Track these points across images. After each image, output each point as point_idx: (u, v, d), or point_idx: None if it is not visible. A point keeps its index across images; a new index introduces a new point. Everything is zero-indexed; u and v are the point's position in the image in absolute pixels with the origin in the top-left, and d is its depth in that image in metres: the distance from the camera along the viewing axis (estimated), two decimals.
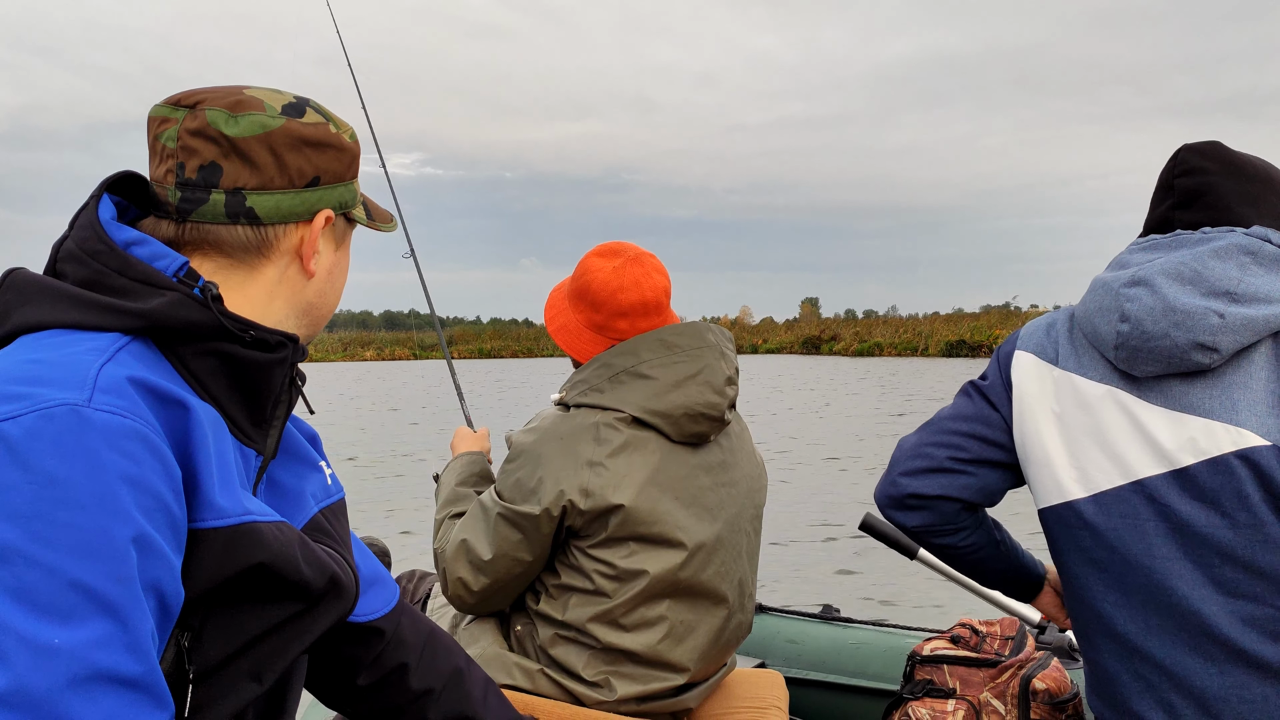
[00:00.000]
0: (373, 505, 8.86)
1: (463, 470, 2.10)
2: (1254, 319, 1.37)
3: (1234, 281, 1.39)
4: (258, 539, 0.98)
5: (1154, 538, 1.44)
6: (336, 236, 1.15)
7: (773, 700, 2.01)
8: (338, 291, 1.19)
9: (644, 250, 1.95)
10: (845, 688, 2.44)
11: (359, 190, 1.19)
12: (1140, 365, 1.44)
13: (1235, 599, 1.39)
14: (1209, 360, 1.39)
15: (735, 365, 1.92)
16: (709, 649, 1.87)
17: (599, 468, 1.75)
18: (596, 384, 1.84)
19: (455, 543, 1.86)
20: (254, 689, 1.03)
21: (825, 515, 8.03)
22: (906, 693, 1.97)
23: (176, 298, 0.99)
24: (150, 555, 0.87)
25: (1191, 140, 1.58)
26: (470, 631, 1.93)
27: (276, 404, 1.10)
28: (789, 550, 6.87)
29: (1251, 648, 1.39)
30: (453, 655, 1.36)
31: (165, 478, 0.90)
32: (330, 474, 1.25)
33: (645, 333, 1.87)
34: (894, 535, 2.42)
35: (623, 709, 1.80)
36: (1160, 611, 1.45)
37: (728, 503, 1.89)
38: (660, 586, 1.78)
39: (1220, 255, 1.41)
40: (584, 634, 1.79)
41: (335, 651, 1.28)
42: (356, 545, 1.30)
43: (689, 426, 1.82)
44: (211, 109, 1.05)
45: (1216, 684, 1.42)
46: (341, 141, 1.12)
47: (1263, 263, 1.40)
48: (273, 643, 1.04)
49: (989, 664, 1.91)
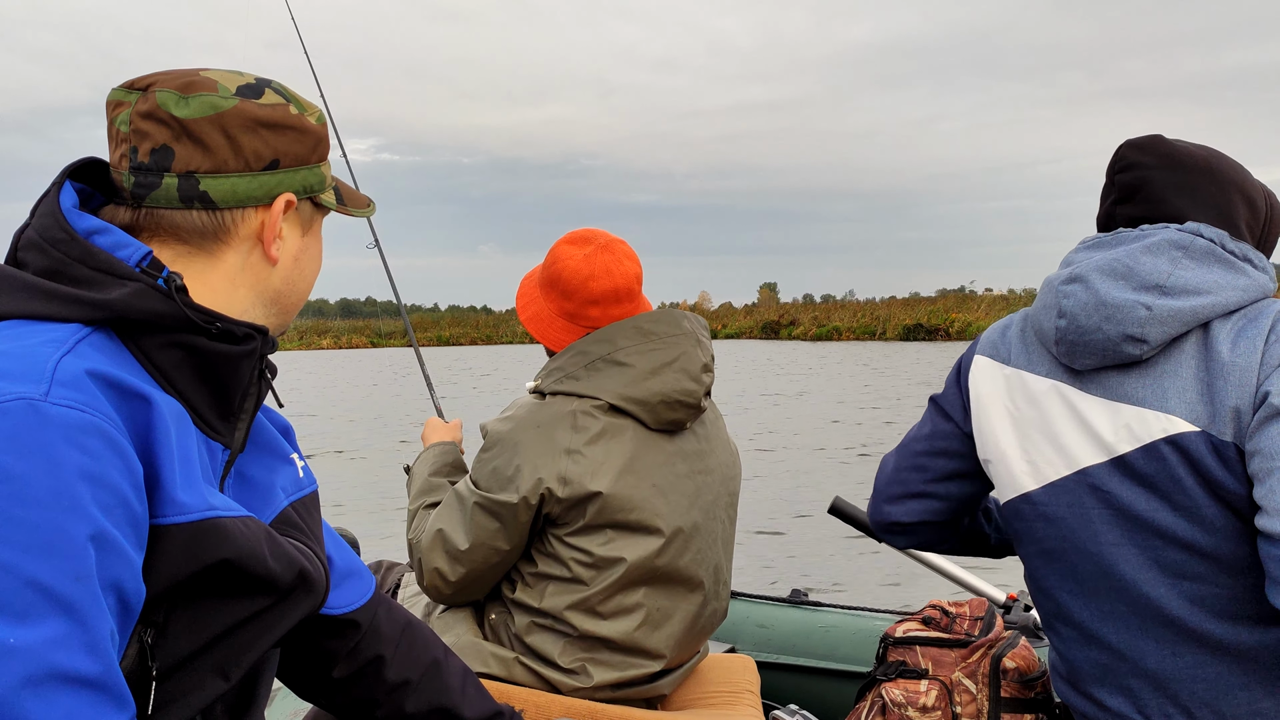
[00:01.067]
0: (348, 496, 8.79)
1: (435, 460, 2.09)
2: (1181, 310, 1.42)
3: (1164, 275, 1.44)
4: (222, 535, 0.97)
5: (1099, 525, 1.49)
6: (303, 222, 1.12)
7: (745, 685, 2.03)
8: (308, 279, 1.16)
9: (615, 237, 1.95)
10: (816, 670, 2.46)
11: (329, 174, 1.16)
12: (1079, 358, 1.50)
13: (1181, 580, 1.43)
14: (1139, 351, 1.44)
15: (711, 352, 1.93)
16: (685, 636, 1.88)
17: (576, 455, 1.75)
18: (573, 372, 1.83)
19: (431, 533, 1.85)
20: (220, 685, 1.02)
21: (794, 499, 8.08)
22: (880, 674, 1.99)
23: (139, 288, 0.97)
24: (109, 553, 0.86)
25: (1145, 126, 1.65)
26: (444, 620, 1.93)
27: (245, 397, 1.09)
28: (759, 535, 6.91)
29: (1201, 627, 1.43)
30: (430, 646, 1.36)
31: (125, 473, 0.88)
32: (303, 466, 1.23)
33: (621, 320, 1.87)
34: (862, 519, 2.44)
35: (598, 695, 1.80)
36: (1112, 597, 1.50)
37: (704, 490, 1.89)
38: (637, 574, 1.79)
39: (1152, 251, 1.46)
40: (561, 622, 1.79)
41: (311, 644, 1.27)
42: (331, 537, 1.29)
43: (666, 414, 1.83)
44: (162, 90, 1.03)
45: (1171, 665, 1.46)
46: (303, 123, 1.09)
47: (1194, 256, 1.45)
48: (239, 638, 1.03)
49: (960, 644, 1.93)
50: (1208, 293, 1.42)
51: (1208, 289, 1.42)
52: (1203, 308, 1.42)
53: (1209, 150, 1.58)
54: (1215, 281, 1.43)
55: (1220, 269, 1.44)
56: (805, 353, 32.63)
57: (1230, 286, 1.43)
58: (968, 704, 1.87)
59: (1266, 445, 1.32)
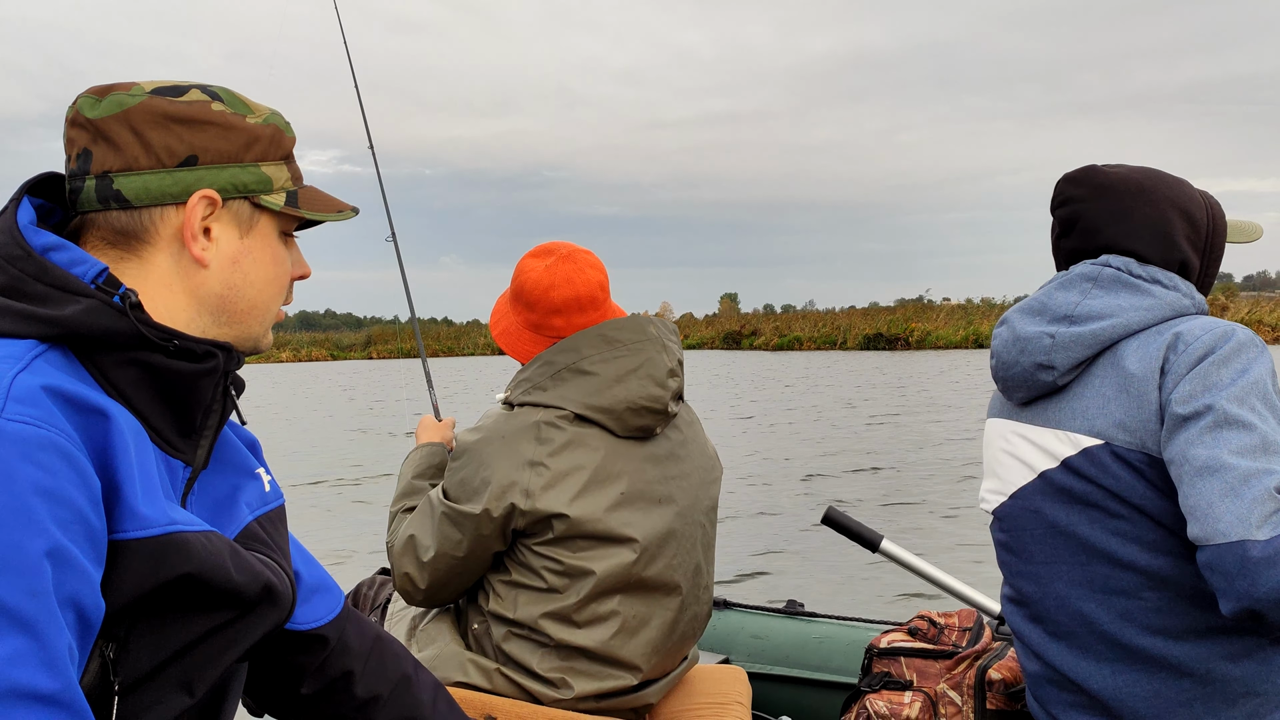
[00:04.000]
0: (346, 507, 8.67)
1: (421, 462, 2.11)
2: (1082, 335, 1.52)
3: (1072, 306, 1.55)
4: (184, 549, 0.96)
5: (1033, 545, 1.59)
6: (241, 222, 1.09)
7: (735, 696, 2.02)
8: (255, 284, 1.11)
9: (579, 248, 1.96)
10: (808, 682, 2.46)
11: (281, 175, 1.12)
12: (1012, 393, 1.63)
13: (1110, 595, 1.49)
14: (1050, 377, 1.55)
15: (679, 357, 1.94)
16: (663, 642, 1.87)
17: (540, 468, 1.76)
18: (539, 382, 1.84)
19: (403, 539, 1.87)
20: (184, 700, 1.01)
21: (789, 510, 8.07)
22: (864, 685, 1.99)
23: (93, 304, 0.96)
24: (66, 569, 0.85)
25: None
26: (428, 632, 1.93)
27: (207, 414, 1.07)
28: (754, 545, 6.89)
29: (1133, 642, 1.47)
30: (400, 661, 1.34)
31: (82, 489, 0.88)
32: (270, 480, 1.22)
33: (585, 329, 1.88)
34: (856, 529, 2.45)
35: (581, 707, 1.80)
36: (1053, 617, 1.56)
37: (679, 494, 1.90)
38: (610, 583, 1.79)
39: (1065, 286, 1.59)
40: (536, 631, 1.79)
41: (279, 660, 1.26)
42: (300, 552, 1.28)
43: (632, 420, 1.83)
44: (82, 96, 1.05)
45: (1111, 684, 1.50)
46: (226, 120, 1.07)
47: (1102, 285, 1.55)
48: (203, 652, 1.01)
49: (945, 655, 1.93)
50: (1111, 316, 1.51)
51: (1111, 313, 1.51)
52: (1104, 330, 1.51)
53: (1144, 171, 1.63)
54: (1119, 305, 1.52)
55: (1127, 293, 1.53)
56: (768, 362, 32.77)
57: (1134, 308, 1.51)
58: (953, 715, 1.87)
59: (1174, 453, 1.37)
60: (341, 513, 8.59)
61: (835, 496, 8.40)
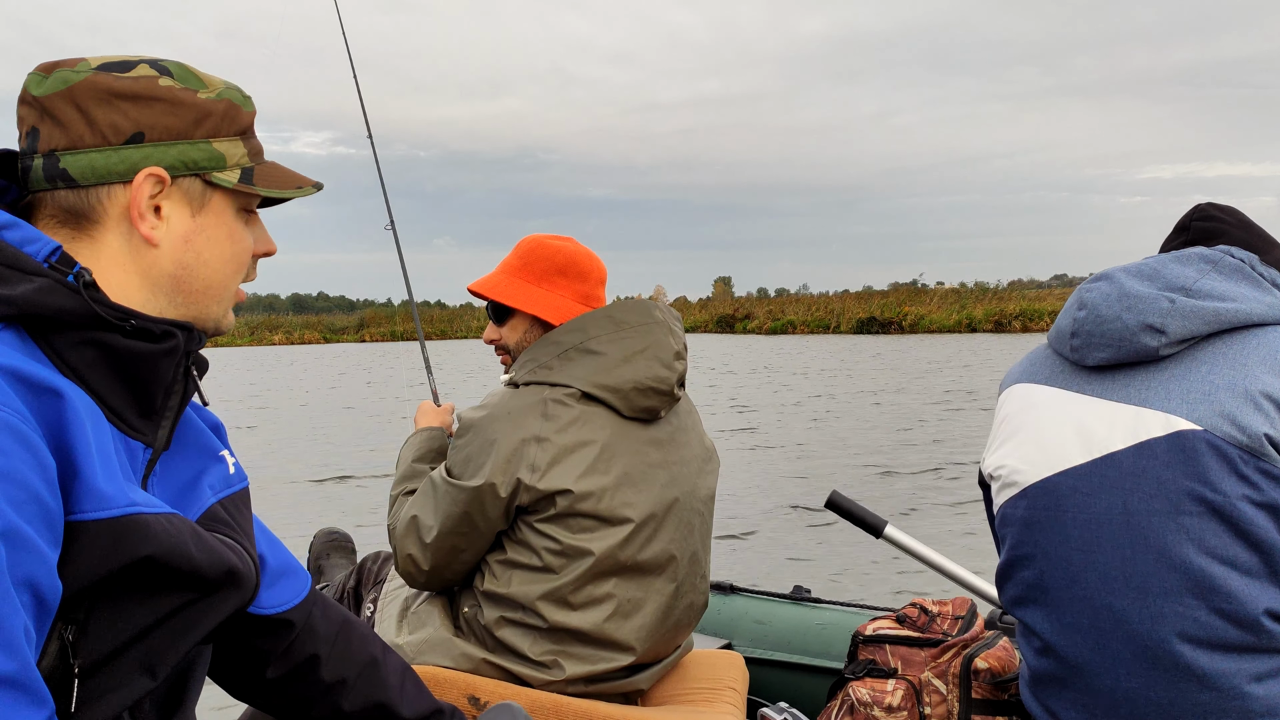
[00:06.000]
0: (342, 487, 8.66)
1: (421, 446, 2.12)
2: (1203, 309, 1.42)
3: (1190, 280, 1.46)
4: (144, 531, 0.95)
5: (1072, 529, 1.47)
6: (192, 200, 1.07)
7: (729, 681, 2.01)
8: (209, 264, 1.08)
9: None
10: (809, 668, 2.45)
11: (237, 152, 1.09)
12: (1092, 352, 1.49)
13: (1146, 595, 1.41)
14: (1156, 343, 1.43)
15: (683, 341, 1.96)
16: (657, 627, 1.86)
17: (545, 443, 1.76)
18: (545, 361, 1.85)
19: (406, 519, 1.87)
20: (146, 682, 1.00)
21: (795, 495, 8.06)
22: (848, 672, 1.98)
23: (45, 284, 0.95)
24: (21, 550, 0.84)
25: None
26: (419, 614, 1.93)
27: (168, 394, 1.06)
28: (760, 530, 6.88)
29: (1160, 647, 1.40)
30: (367, 644, 1.34)
31: (37, 469, 0.87)
32: (234, 463, 1.21)
33: (592, 310, 1.90)
34: (860, 513, 2.44)
35: (571, 689, 1.80)
36: (1075, 608, 1.47)
37: (679, 479, 1.90)
38: (608, 564, 1.79)
39: (1181, 261, 1.49)
40: (531, 613, 1.79)
41: (244, 644, 1.26)
42: (266, 536, 1.28)
43: (639, 401, 1.84)
44: (31, 73, 1.03)
45: (1124, 686, 1.43)
46: (174, 95, 1.05)
47: (1222, 271, 1.47)
48: (163, 634, 1.01)
49: (931, 644, 1.92)
50: (1232, 300, 1.43)
51: (1233, 297, 1.44)
52: (1225, 311, 1.42)
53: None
54: (1241, 293, 1.44)
55: (1248, 285, 1.46)
56: (761, 346, 32.79)
57: (1257, 300, 1.44)
58: (937, 704, 1.86)
59: None
60: (343, 497, 8.58)
61: (840, 482, 8.39)
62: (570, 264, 1.95)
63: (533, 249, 1.96)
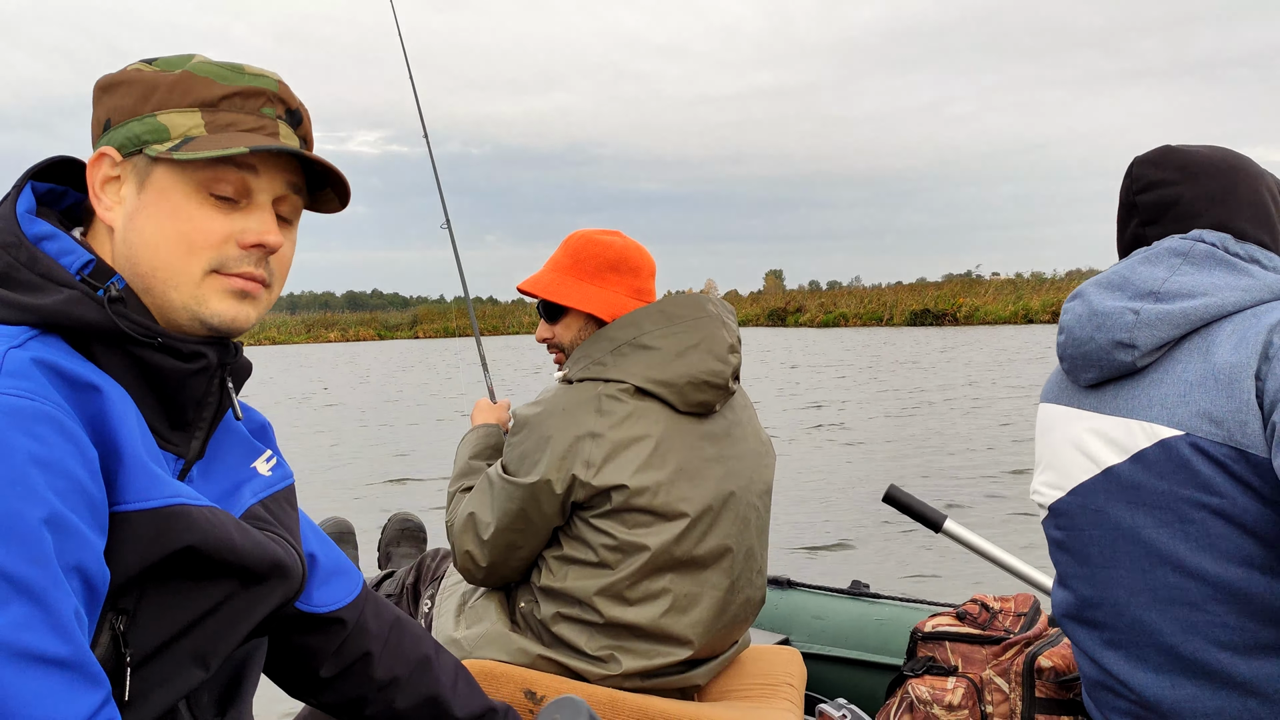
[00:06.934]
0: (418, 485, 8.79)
1: (477, 443, 2.13)
2: (1170, 313, 1.39)
3: (1159, 282, 1.42)
4: (187, 521, 0.96)
5: (1091, 547, 1.47)
6: (140, 177, 1.03)
7: (786, 677, 2.00)
8: (150, 243, 1.01)
9: None
10: (867, 664, 2.43)
11: (194, 123, 1.02)
12: (1081, 373, 1.50)
13: (1172, 605, 1.37)
14: (1130, 357, 1.42)
15: (737, 334, 1.94)
16: (714, 622, 1.86)
17: (600, 439, 1.76)
18: (599, 357, 1.85)
19: (463, 517, 1.89)
20: (199, 673, 1.02)
21: (853, 488, 8.00)
22: (907, 670, 1.95)
23: (73, 295, 0.97)
24: (68, 536, 0.86)
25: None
26: (476, 609, 1.95)
27: (200, 408, 1.07)
28: (819, 524, 6.84)
29: (1196, 656, 1.36)
30: (420, 643, 1.36)
31: (79, 459, 0.88)
32: (276, 463, 1.22)
33: (646, 305, 1.90)
34: (918, 508, 2.40)
35: (627, 684, 1.80)
36: (1111, 624, 1.46)
37: (736, 474, 1.89)
38: (663, 559, 1.79)
39: (1150, 260, 1.45)
40: (587, 609, 1.79)
41: (297, 642, 1.27)
42: (316, 535, 1.29)
43: (694, 395, 1.83)
44: None
45: (1170, 697, 1.40)
46: (133, 76, 1.05)
47: (1194, 261, 1.42)
48: (213, 625, 1.02)
49: (993, 641, 1.89)
50: (1204, 295, 1.38)
51: (1205, 291, 1.39)
52: (1195, 309, 1.38)
53: (1222, 150, 1.54)
54: (1213, 284, 1.39)
55: (1222, 271, 1.40)
56: (813, 339, 32.56)
57: (1230, 288, 1.39)
58: (1000, 703, 1.83)
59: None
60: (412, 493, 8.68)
61: (899, 476, 8.29)
62: (621, 259, 1.94)
63: (582, 245, 1.96)
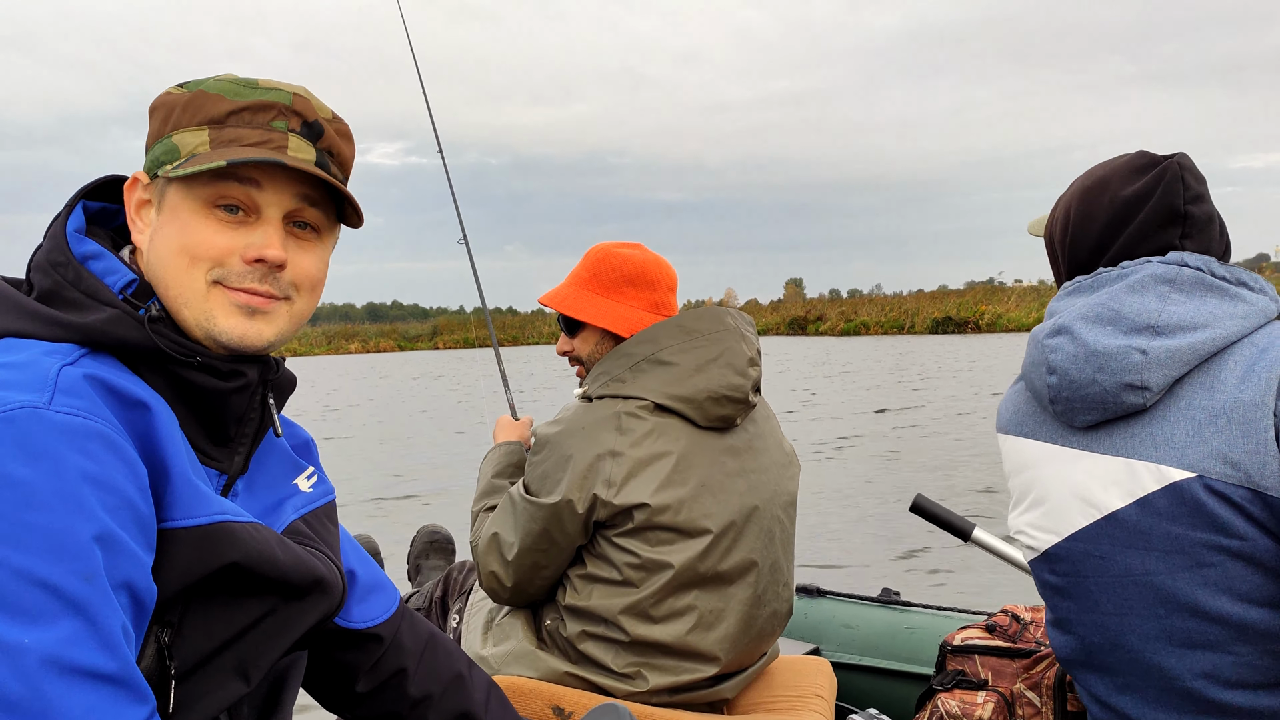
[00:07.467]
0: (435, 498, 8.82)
1: (500, 461, 2.13)
2: (1180, 349, 1.31)
3: (1154, 314, 1.33)
4: (231, 538, 0.98)
5: (1099, 594, 1.39)
6: (158, 198, 1.06)
7: (815, 689, 1.98)
8: (163, 258, 1.03)
9: None
10: (897, 674, 2.41)
11: (200, 140, 1.03)
12: (1078, 416, 1.40)
13: (1192, 649, 1.32)
14: (1142, 400, 1.33)
15: (757, 347, 1.93)
16: (740, 636, 1.85)
17: (620, 458, 1.75)
18: (618, 374, 1.84)
19: (487, 536, 1.88)
20: (240, 686, 1.03)
21: (881, 498, 7.96)
22: (937, 684, 1.93)
23: (115, 315, 0.98)
24: (117, 552, 0.87)
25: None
26: (503, 627, 1.94)
27: (242, 424, 1.08)
28: (849, 533, 6.80)
29: (1218, 698, 1.32)
30: (454, 660, 1.37)
31: (130, 476, 0.90)
32: (317, 480, 1.23)
33: (664, 320, 1.88)
34: (946, 517, 2.38)
35: (655, 700, 1.79)
36: (1124, 670, 1.40)
37: (758, 487, 1.88)
38: (688, 576, 1.77)
39: (1137, 289, 1.35)
40: (613, 627, 1.78)
41: (335, 657, 1.29)
42: (355, 551, 1.31)
43: (714, 410, 1.82)
44: None
45: None
46: (163, 99, 1.07)
47: (1182, 288, 1.34)
48: (255, 639, 1.04)
49: (1023, 654, 1.86)
50: (1206, 326, 1.31)
51: (1205, 322, 1.31)
52: (1203, 343, 1.30)
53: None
54: (1211, 313, 1.32)
55: (1214, 298, 1.33)
56: (833, 348, 32.44)
57: (1229, 316, 1.32)
58: (1031, 717, 1.80)
59: None
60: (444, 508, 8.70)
61: (925, 486, 8.23)
62: (638, 273, 1.93)
63: (601, 259, 1.95)
